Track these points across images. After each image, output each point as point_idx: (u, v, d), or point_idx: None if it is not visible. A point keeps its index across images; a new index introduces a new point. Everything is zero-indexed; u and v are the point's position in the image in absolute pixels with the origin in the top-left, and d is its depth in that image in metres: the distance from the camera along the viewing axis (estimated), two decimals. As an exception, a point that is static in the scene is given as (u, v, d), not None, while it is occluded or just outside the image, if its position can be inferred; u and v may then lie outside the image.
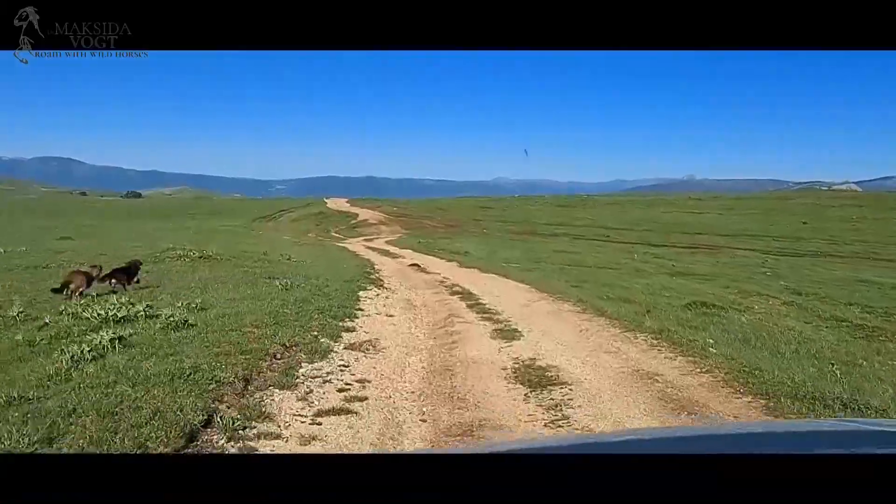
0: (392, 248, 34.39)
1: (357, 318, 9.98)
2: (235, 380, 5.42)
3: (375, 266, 21.85)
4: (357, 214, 75.60)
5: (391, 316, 10.72)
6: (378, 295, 13.38)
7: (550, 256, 31.89)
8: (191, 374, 5.19)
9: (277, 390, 5.59)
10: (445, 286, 15.93)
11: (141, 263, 12.31)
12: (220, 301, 9.56)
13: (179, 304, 8.53)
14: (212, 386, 5.08)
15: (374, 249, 33.02)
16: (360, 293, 13.08)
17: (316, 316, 9.27)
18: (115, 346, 5.81)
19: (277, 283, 11.85)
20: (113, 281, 11.07)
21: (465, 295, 13.87)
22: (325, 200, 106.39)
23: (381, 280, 16.96)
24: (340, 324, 9.14)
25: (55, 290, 9.90)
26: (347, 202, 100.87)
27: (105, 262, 17.70)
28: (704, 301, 14.42)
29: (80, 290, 9.86)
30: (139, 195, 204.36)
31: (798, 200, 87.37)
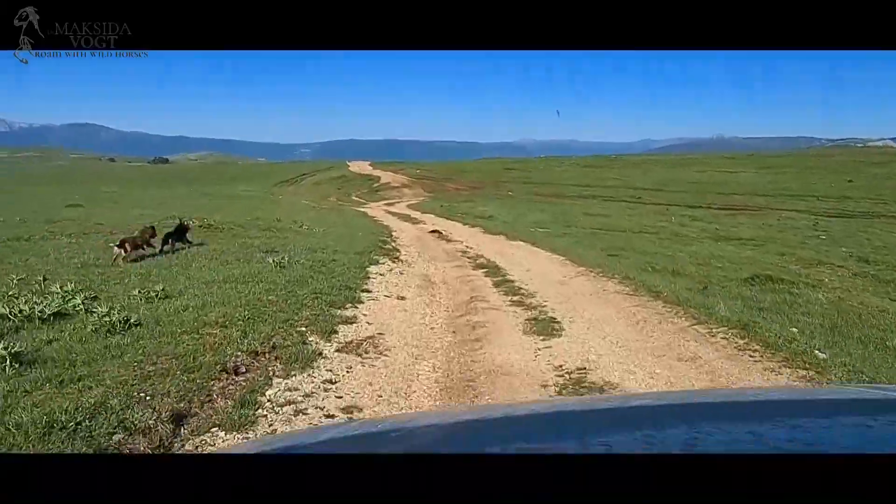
0: (413, 213, 32.63)
1: (362, 303, 8.28)
2: (159, 422, 3.73)
3: (393, 233, 20.14)
4: (379, 178, 73.80)
5: (403, 299, 9.00)
6: (391, 270, 11.66)
7: (581, 220, 29.89)
8: (89, 417, 3.50)
9: (223, 433, 3.91)
10: (468, 257, 14.16)
11: (189, 226, 13.37)
12: (193, 285, 7.89)
13: (136, 293, 6.87)
14: (115, 437, 3.41)
15: (394, 214, 31.30)
16: (371, 268, 11.38)
17: (309, 303, 7.59)
18: (3, 369, 4.17)
19: (272, 260, 10.15)
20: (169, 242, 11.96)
21: (491, 269, 12.09)
22: (348, 164, 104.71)
23: (398, 250, 15.25)
24: (338, 313, 7.44)
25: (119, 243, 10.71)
26: (370, 165, 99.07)
27: (102, 231, 16.41)
28: (768, 274, 12.46)
29: (122, 256, 10.48)
30: (166, 160, 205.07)
31: (837, 157, 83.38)
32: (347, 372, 5.40)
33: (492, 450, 1.33)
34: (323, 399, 4.71)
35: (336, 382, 5.09)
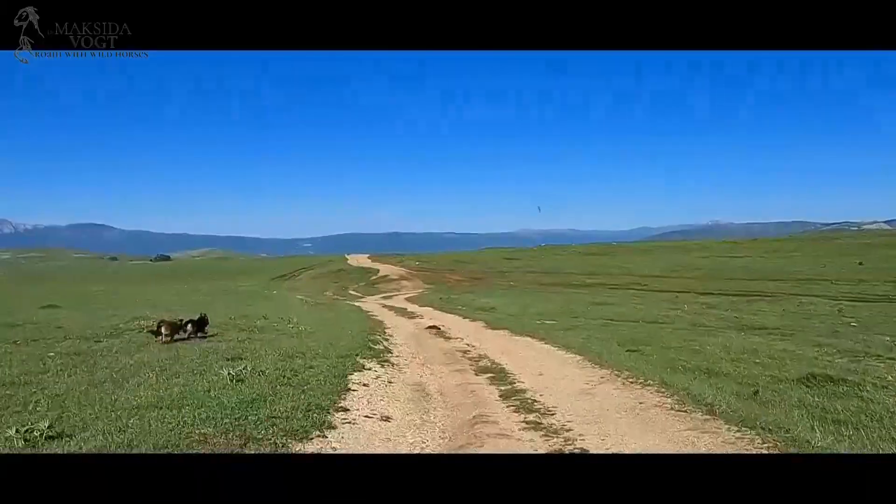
0: (410, 306, 30.88)
1: (333, 428, 6.40)
2: None
3: (387, 330, 18.33)
4: (378, 270, 72.55)
5: (387, 420, 7.13)
6: (378, 378, 9.80)
7: (589, 310, 28.09)
8: None
9: None
10: (470, 358, 12.31)
11: (206, 321, 14.15)
12: (104, 415, 6.03)
13: (11, 432, 5.03)
14: None
15: (390, 308, 29.54)
16: (354, 375, 9.52)
17: (259, 433, 5.72)
18: None
19: (227, 372, 8.30)
20: (188, 329, 13.29)
21: (497, 373, 10.24)
22: (346, 257, 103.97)
23: (389, 351, 13.42)
24: (297, 448, 5.57)
25: (152, 332, 12.88)
26: (369, 258, 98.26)
27: (61, 334, 14.60)
28: (825, 373, 10.57)
29: (170, 336, 12.44)
30: (168, 258, 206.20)
31: (841, 240, 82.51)
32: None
33: None
34: None
35: None
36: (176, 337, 12.69)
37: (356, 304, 35.41)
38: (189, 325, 13.34)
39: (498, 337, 16.44)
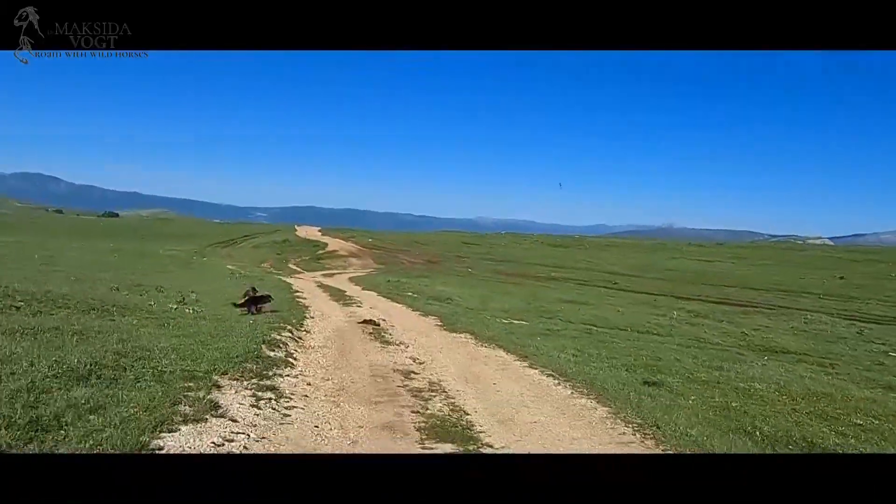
0: (352, 288, 25.93)
1: None
2: None
3: (306, 321, 13.46)
4: (326, 244, 66.95)
5: None
6: (226, 437, 4.95)
7: (562, 310, 23.63)
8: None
9: None
10: (414, 391, 7.55)
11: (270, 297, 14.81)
12: None
13: None
14: None
15: (325, 289, 24.52)
16: (184, 429, 4.70)
17: None
18: None
19: None
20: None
21: (462, 440, 5.52)
22: (296, 228, 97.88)
23: (288, 363, 8.61)
24: None
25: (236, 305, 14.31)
26: (319, 231, 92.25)
27: None
28: None
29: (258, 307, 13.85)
30: (116, 215, 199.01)
31: (808, 252, 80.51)
32: None
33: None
34: None
35: None
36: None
37: (290, 279, 30.22)
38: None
39: (457, 345, 11.77)
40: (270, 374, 7.50)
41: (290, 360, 8.86)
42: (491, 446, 5.38)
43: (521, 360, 10.36)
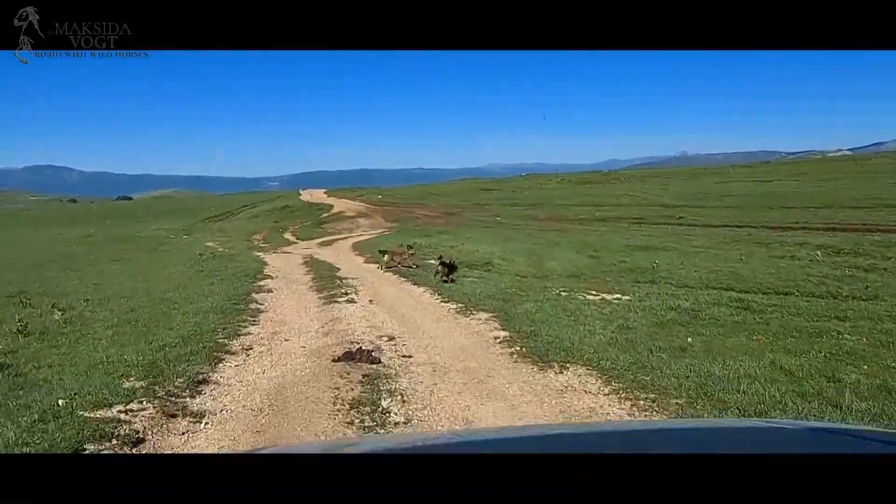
0: (350, 263, 18.71)
1: None
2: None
3: (212, 376, 6.29)
4: (331, 206, 59.60)
5: None
6: None
7: (648, 263, 16.29)
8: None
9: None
10: None
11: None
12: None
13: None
14: None
15: (314, 267, 17.25)
16: None
17: None
18: None
19: None
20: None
21: None
22: (300, 192, 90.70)
23: None
24: None
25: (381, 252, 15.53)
26: (325, 193, 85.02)
27: None
28: None
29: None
30: (130, 199, 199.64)
31: (874, 161, 71.63)
32: None
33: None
34: None
35: None
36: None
37: (271, 255, 22.96)
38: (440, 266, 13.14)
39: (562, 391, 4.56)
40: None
41: None
42: None
43: None
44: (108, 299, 12.16)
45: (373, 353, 6.56)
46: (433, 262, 18.40)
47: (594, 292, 12.08)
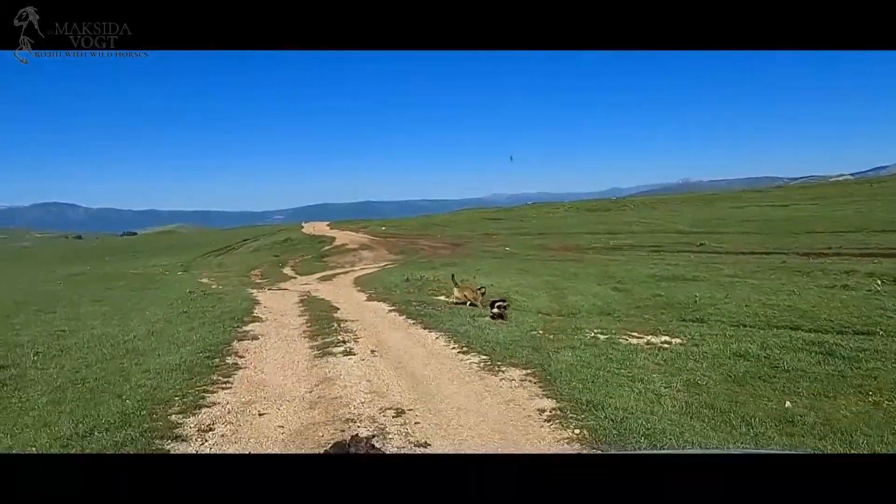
0: (351, 301, 16.86)
1: None
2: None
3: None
4: (333, 238, 57.89)
5: None
6: None
7: (683, 296, 14.43)
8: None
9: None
10: None
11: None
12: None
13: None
14: None
15: (310, 307, 15.40)
16: None
17: None
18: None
19: None
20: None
21: None
22: (303, 225, 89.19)
23: None
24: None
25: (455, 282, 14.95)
26: (328, 225, 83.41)
27: None
28: None
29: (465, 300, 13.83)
30: (135, 234, 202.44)
31: (884, 184, 70.01)
32: None
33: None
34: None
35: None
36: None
37: (264, 293, 21.14)
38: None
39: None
40: None
41: None
42: None
43: None
44: (65, 351, 10.33)
45: (374, 443, 4.70)
46: (443, 298, 16.53)
47: (636, 334, 10.22)
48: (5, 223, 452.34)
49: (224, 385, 7.11)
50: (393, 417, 5.62)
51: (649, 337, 9.97)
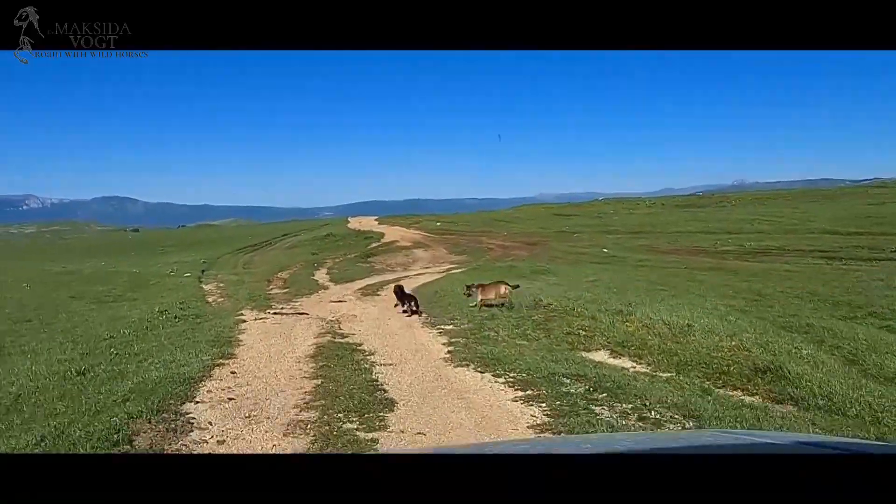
0: (406, 335, 8.96)
1: None
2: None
3: None
4: (382, 235, 50.33)
5: None
6: None
7: None
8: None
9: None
10: None
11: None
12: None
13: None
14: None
15: (337, 350, 7.56)
16: None
17: None
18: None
19: None
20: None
21: None
22: (349, 220, 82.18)
23: None
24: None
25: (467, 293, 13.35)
26: (376, 220, 76.05)
27: None
28: None
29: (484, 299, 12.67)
30: (184, 227, 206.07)
31: None
32: None
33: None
34: None
35: None
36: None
37: (271, 319, 13.33)
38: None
39: None
40: None
41: None
42: None
43: None
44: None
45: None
46: (534, 318, 8.56)
47: None
48: (70, 215, 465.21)
49: None
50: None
51: None
